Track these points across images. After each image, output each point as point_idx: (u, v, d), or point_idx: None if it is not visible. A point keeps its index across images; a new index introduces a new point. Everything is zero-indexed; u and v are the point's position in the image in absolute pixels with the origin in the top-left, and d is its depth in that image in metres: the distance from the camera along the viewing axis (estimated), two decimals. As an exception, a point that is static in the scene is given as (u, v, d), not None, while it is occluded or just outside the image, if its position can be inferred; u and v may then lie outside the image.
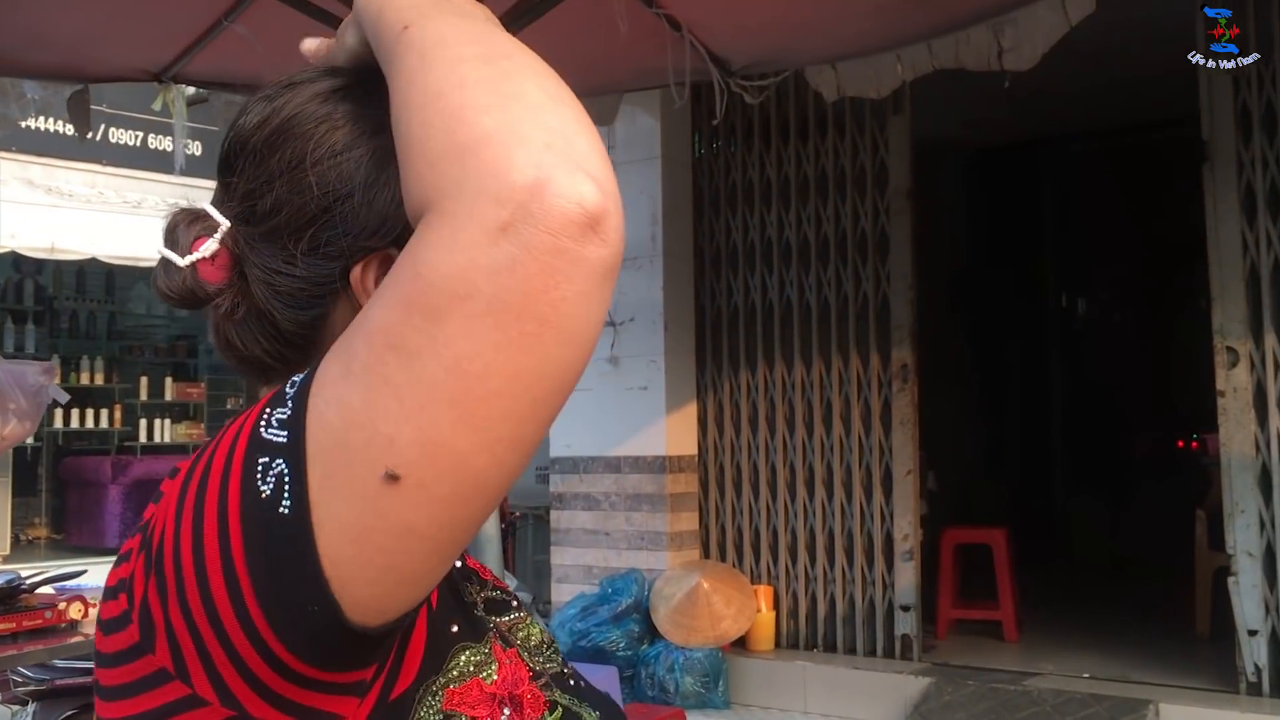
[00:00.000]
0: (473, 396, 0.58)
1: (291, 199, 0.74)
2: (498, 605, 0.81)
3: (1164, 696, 4.52)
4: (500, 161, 0.58)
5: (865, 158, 5.58)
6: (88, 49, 3.16)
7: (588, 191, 0.58)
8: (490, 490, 0.61)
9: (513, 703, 0.72)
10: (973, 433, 8.45)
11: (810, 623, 5.64)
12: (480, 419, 0.58)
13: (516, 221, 0.57)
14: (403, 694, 0.68)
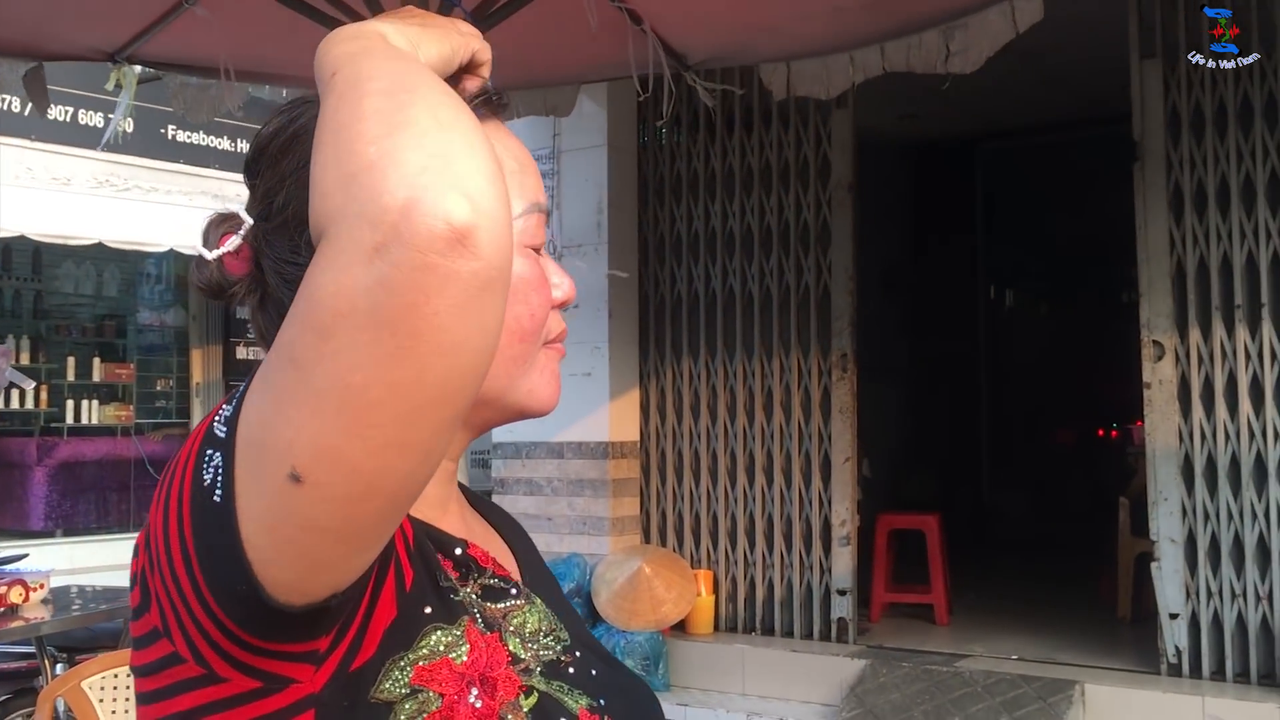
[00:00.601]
0: (356, 406, 0.62)
1: (298, 195, 0.80)
2: (494, 593, 0.84)
3: (1089, 677, 4.69)
4: (376, 186, 0.62)
5: (809, 150, 5.67)
6: (45, 26, 3.11)
7: (455, 208, 0.61)
8: (388, 490, 0.66)
9: (483, 684, 0.76)
10: (903, 421, 8.64)
11: (749, 606, 5.74)
12: (365, 426, 0.63)
13: (388, 242, 0.60)
14: (364, 665, 0.73)
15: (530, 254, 0.87)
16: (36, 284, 10.81)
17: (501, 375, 0.86)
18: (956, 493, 8.74)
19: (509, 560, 0.96)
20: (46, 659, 4.05)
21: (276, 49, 3.20)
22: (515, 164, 0.87)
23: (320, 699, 0.72)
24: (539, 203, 0.88)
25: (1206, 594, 4.61)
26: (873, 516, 6.08)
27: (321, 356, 0.62)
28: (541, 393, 0.90)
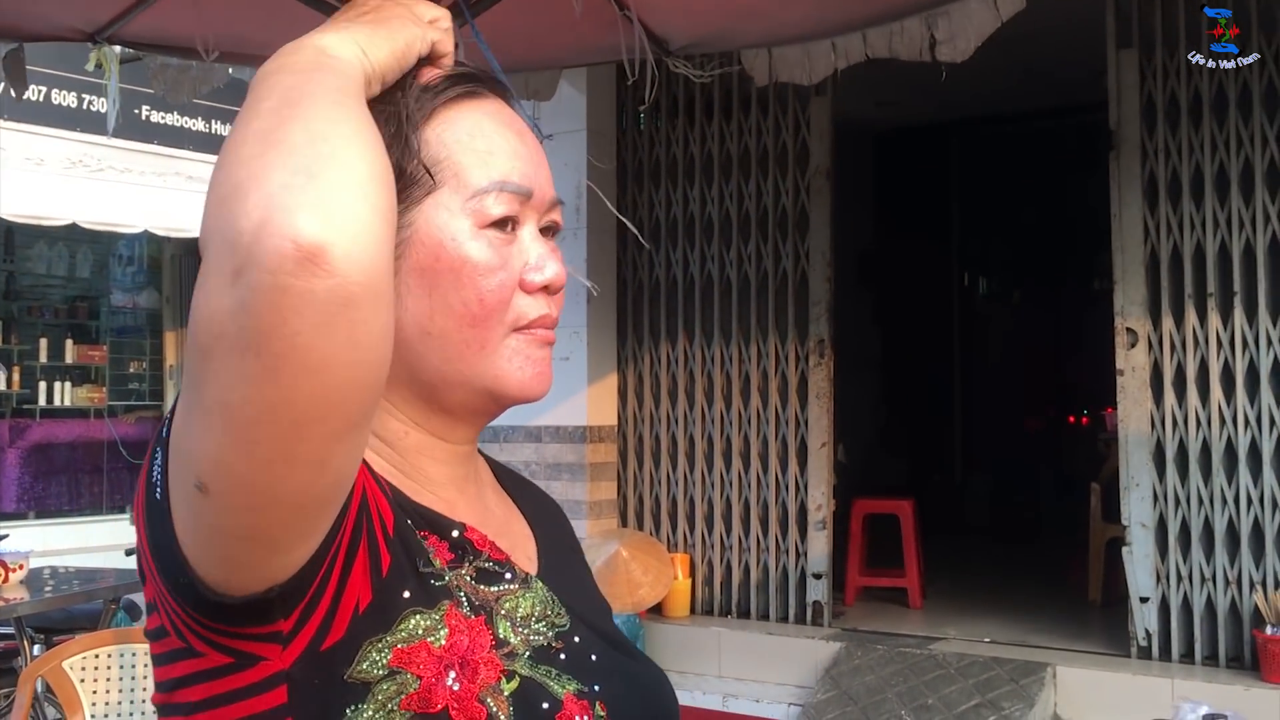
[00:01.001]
0: (237, 424, 0.65)
1: None
2: (489, 576, 0.85)
3: (1061, 660, 4.76)
4: (237, 209, 0.63)
5: (787, 136, 5.70)
6: (26, 6, 3.08)
7: (304, 226, 0.61)
8: (287, 500, 0.68)
9: (462, 667, 0.78)
10: (878, 407, 8.70)
11: (725, 590, 5.78)
12: (248, 443, 0.65)
13: (244, 265, 0.61)
14: (334, 646, 0.75)
15: (487, 236, 0.85)
16: (9, 265, 10.71)
17: (456, 359, 0.86)
18: (930, 478, 8.81)
19: (527, 543, 0.97)
20: (25, 640, 4.04)
21: (258, 30, 3.19)
22: (482, 144, 0.86)
23: (291, 675, 0.74)
24: (505, 182, 0.86)
25: (1176, 578, 4.68)
26: (848, 501, 6.13)
27: (205, 376, 0.65)
28: (510, 380, 0.88)
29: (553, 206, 0.91)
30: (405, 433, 0.89)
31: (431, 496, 0.89)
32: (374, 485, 0.81)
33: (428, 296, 0.85)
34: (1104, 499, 5.88)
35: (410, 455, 0.89)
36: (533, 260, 0.88)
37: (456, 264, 0.85)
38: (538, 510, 1.04)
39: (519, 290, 0.87)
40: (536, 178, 0.89)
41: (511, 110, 0.92)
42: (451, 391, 0.88)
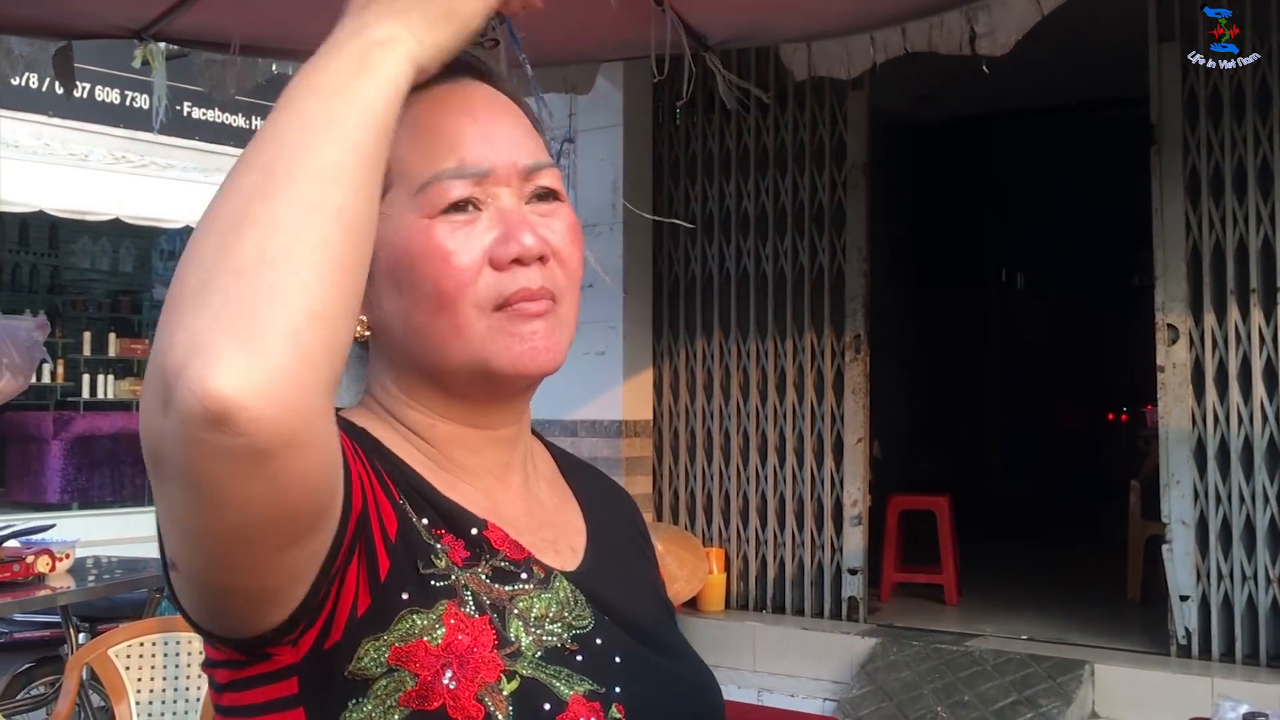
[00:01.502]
0: (181, 531, 0.68)
1: None
2: (504, 575, 0.85)
3: (1099, 658, 4.73)
4: (170, 337, 0.62)
5: (824, 131, 5.68)
6: (74, 4, 3.14)
7: (214, 386, 0.60)
8: (241, 590, 0.72)
9: (460, 665, 0.78)
10: (915, 403, 8.65)
11: (760, 585, 5.78)
12: (193, 550, 0.69)
13: (168, 400, 0.62)
14: (334, 646, 0.77)
15: (442, 223, 0.85)
16: (53, 259, 10.88)
17: (441, 349, 0.86)
18: (967, 474, 8.76)
19: (575, 535, 0.96)
20: (71, 628, 4.10)
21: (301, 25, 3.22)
22: (423, 135, 0.86)
23: (301, 668, 0.78)
24: (445, 169, 0.85)
25: (1217, 576, 4.64)
26: (883, 497, 6.11)
27: (153, 481, 0.67)
28: (497, 361, 0.86)
29: (532, 173, 0.89)
30: (432, 425, 0.90)
31: (466, 488, 0.89)
32: (380, 493, 0.81)
33: (401, 295, 0.86)
34: (1144, 496, 5.82)
35: (442, 446, 0.90)
36: (500, 234, 0.86)
37: (411, 258, 0.85)
38: (602, 502, 1.03)
39: (488, 268, 0.86)
40: (494, 152, 0.87)
41: (473, 87, 0.90)
42: (454, 380, 0.88)
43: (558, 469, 1.03)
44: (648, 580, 1.03)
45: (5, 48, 3.21)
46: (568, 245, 0.90)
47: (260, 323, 0.62)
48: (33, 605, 3.95)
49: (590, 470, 1.09)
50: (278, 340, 0.62)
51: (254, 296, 0.62)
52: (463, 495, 0.89)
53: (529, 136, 0.91)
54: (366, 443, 0.86)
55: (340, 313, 0.66)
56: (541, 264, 0.87)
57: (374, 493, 0.81)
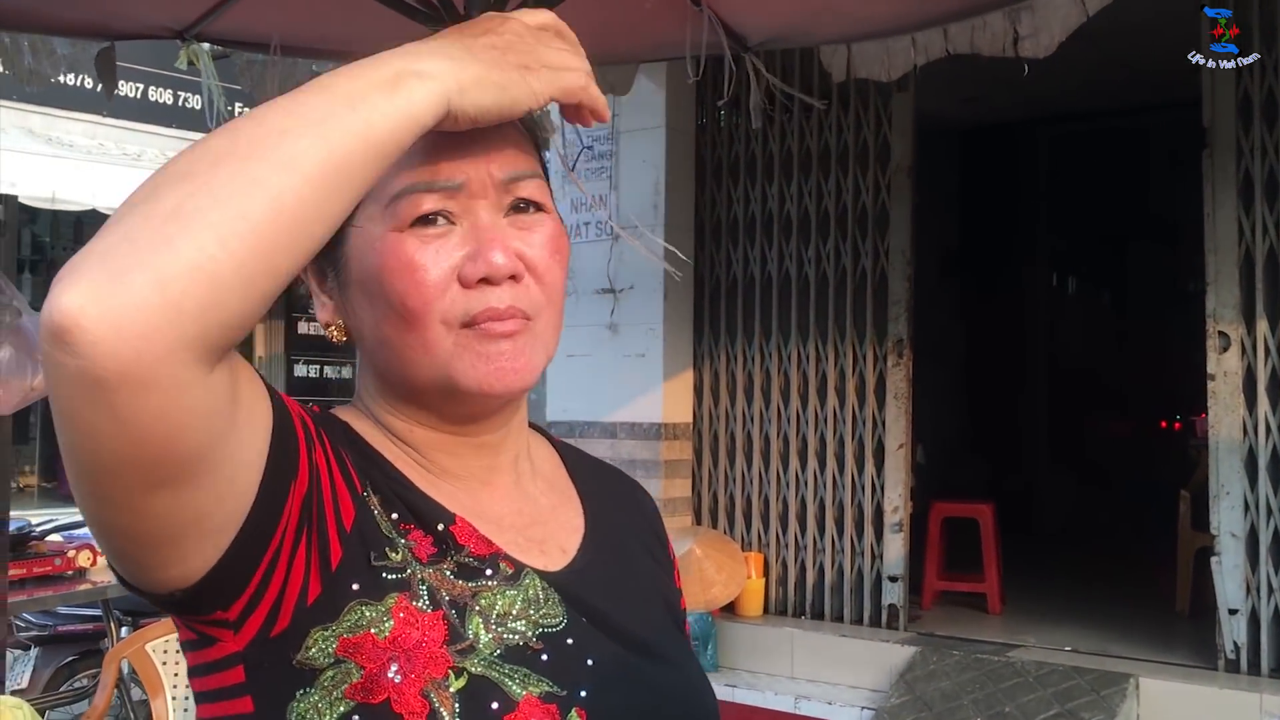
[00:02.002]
0: (72, 472, 0.69)
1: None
2: (468, 571, 0.85)
3: (1144, 671, 4.64)
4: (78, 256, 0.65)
5: (868, 133, 5.63)
6: (114, 6, 3.17)
7: (67, 301, 0.61)
8: (124, 534, 0.72)
9: (408, 659, 0.78)
10: (959, 408, 8.56)
11: (799, 590, 5.74)
12: (70, 477, 0.69)
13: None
14: (282, 634, 0.78)
15: (410, 237, 0.84)
16: (106, 257, 11.02)
17: (410, 364, 0.86)
18: (1013, 481, 8.65)
19: (569, 535, 0.95)
20: (112, 622, 4.16)
21: (341, 26, 3.24)
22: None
23: (245, 657, 0.78)
24: (415, 183, 0.84)
25: (1267, 590, 4.53)
26: (926, 503, 6.04)
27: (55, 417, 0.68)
28: (463, 379, 0.85)
29: (510, 184, 0.87)
30: (410, 430, 0.91)
31: (449, 487, 0.89)
32: (340, 482, 0.82)
33: (372, 306, 0.86)
34: (1194, 507, 5.71)
35: (423, 449, 0.90)
36: (470, 251, 0.85)
37: (380, 271, 0.85)
38: (614, 502, 1.03)
39: (457, 284, 0.84)
40: (469, 164, 0.85)
41: None
42: (424, 393, 0.88)
43: (563, 468, 1.03)
44: (653, 584, 1.01)
45: (48, 48, 3.26)
46: (545, 260, 0.88)
47: (137, 262, 0.63)
48: (75, 599, 4.01)
49: (607, 470, 1.08)
50: (145, 281, 0.62)
51: (147, 241, 0.64)
52: (443, 493, 0.89)
53: (511, 145, 0.88)
54: (336, 431, 0.86)
55: (235, 283, 0.66)
56: (514, 281, 0.86)
57: (331, 480, 0.81)
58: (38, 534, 4.07)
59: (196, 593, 0.75)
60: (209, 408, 0.68)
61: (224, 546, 0.74)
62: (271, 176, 0.67)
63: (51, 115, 8.49)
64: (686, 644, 1.02)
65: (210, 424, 0.69)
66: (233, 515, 0.73)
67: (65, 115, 8.53)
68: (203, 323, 0.65)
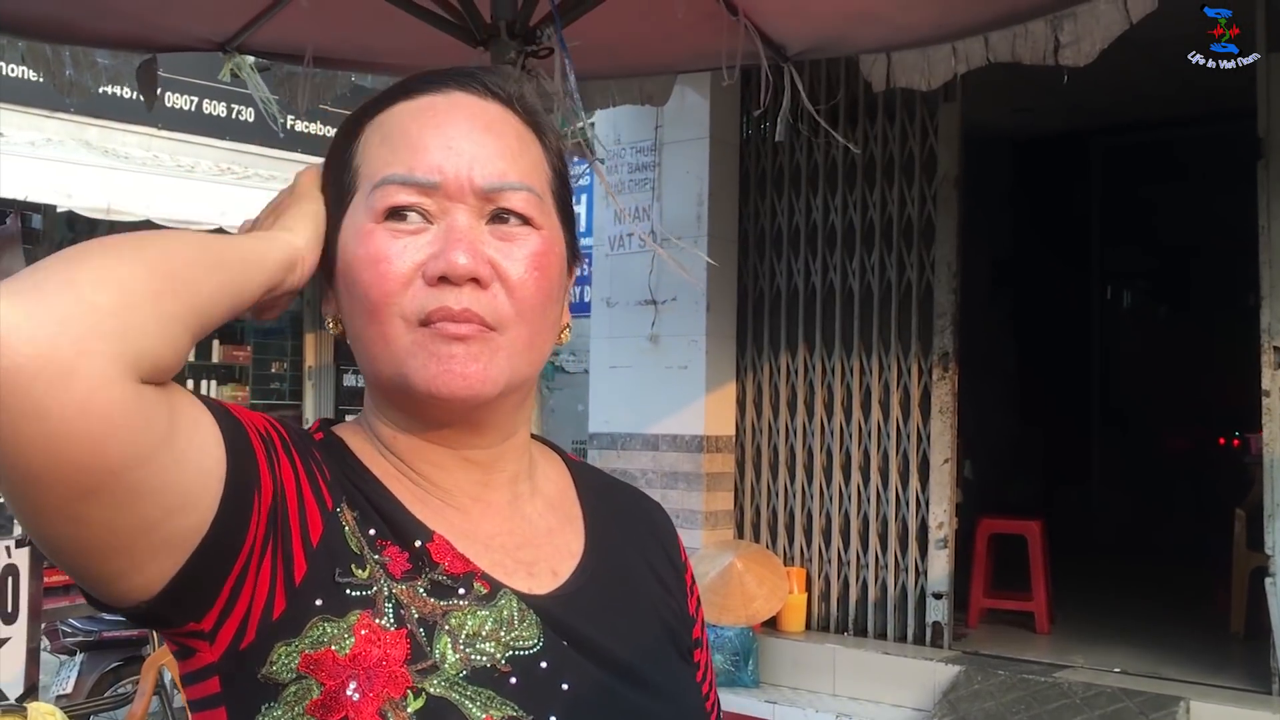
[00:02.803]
0: (4, 486, 0.68)
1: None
2: (441, 589, 0.83)
3: (1195, 694, 4.52)
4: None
5: (914, 144, 5.56)
6: (155, 19, 3.22)
7: None
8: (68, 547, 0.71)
9: (366, 677, 0.77)
10: (1009, 423, 8.43)
11: (842, 606, 5.67)
12: (16, 504, 0.69)
13: None
14: (248, 647, 0.78)
15: (382, 228, 0.85)
16: (160, 267, 11.21)
17: (374, 358, 0.86)
18: (1063, 497, 8.49)
19: (565, 558, 0.92)
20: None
21: (377, 38, 3.26)
22: (388, 143, 0.87)
23: (219, 668, 0.79)
24: (392, 175, 0.85)
25: (1324, 613, 4.40)
26: (973, 519, 5.95)
27: None
28: (414, 378, 0.84)
29: (493, 193, 0.86)
30: (394, 436, 0.90)
31: (437, 503, 0.88)
32: (309, 496, 0.81)
33: (347, 296, 0.88)
34: (1249, 526, 5.57)
35: (409, 459, 0.90)
36: (436, 249, 0.84)
37: (351, 260, 0.86)
38: (624, 525, 1.00)
39: (420, 281, 0.84)
40: (451, 165, 0.85)
41: (461, 98, 0.89)
42: (394, 393, 0.88)
43: (573, 489, 1.00)
44: (653, 611, 0.97)
45: (90, 60, 3.31)
46: (521, 273, 0.86)
47: (48, 274, 0.68)
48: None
49: (623, 492, 1.05)
50: (57, 281, 0.67)
51: (57, 264, 0.69)
52: (430, 509, 0.88)
53: (504, 156, 0.87)
54: (318, 446, 0.86)
55: (143, 292, 0.70)
56: (478, 286, 0.84)
57: (299, 494, 0.81)
58: (81, 540, 4.12)
59: (162, 604, 0.74)
60: (136, 418, 0.68)
61: (183, 559, 0.73)
62: (162, 251, 0.74)
63: (108, 127, 8.66)
64: (688, 674, 0.98)
65: (139, 437, 0.68)
66: (190, 528, 0.73)
67: (121, 127, 8.69)
68: (119, 321, 0.67)
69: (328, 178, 0.91)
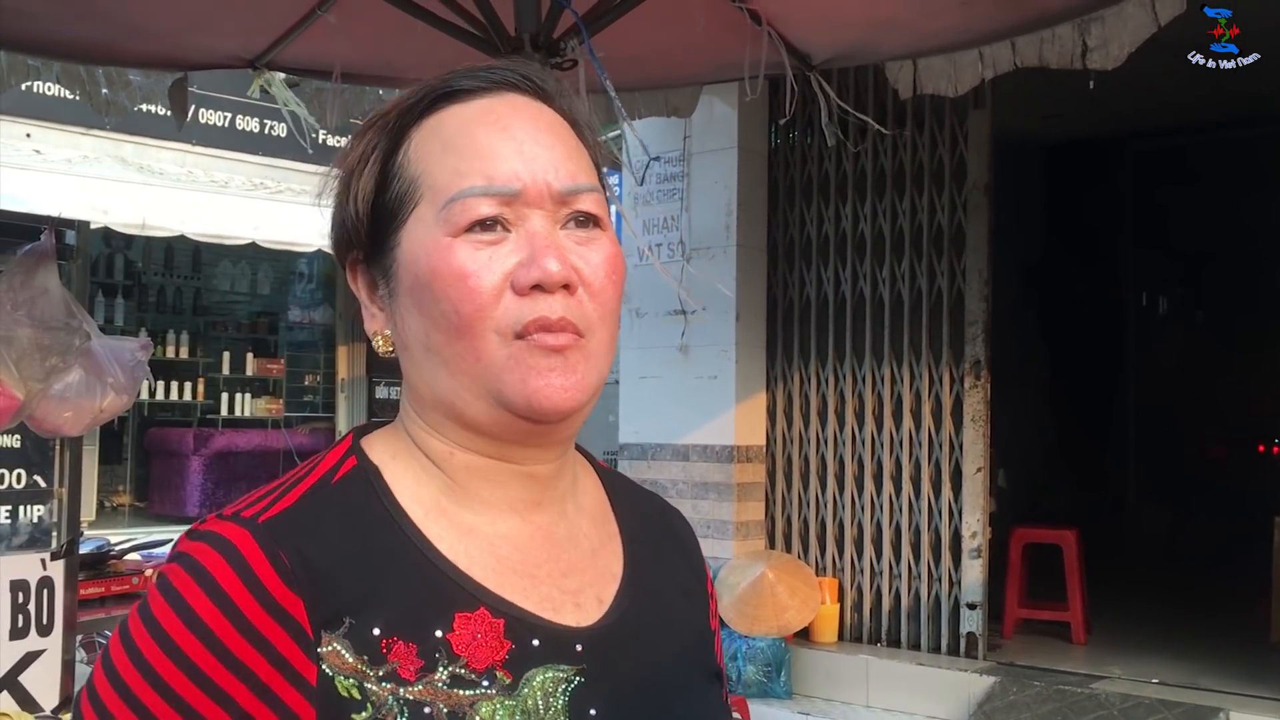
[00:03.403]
0: None
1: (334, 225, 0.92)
2: (463, 682, 0.79)
3: (1235, 705, 4.46)
4: None
5: (944, 152, 5.53)
6: (186, 38, 3.26)
7: None
8: None
9: None
10: (1044, 431, 8.35)
11: (875, 617, 5.63)
12: None
13: None
14: None
15: (465, 242, 0.82)
16: (196, 282, 11.35)
17: (459, 374, 0.82)
18: (1100, 506, 8.40)
19: (607, 582, 0.90)
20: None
21: (402, 53, 3.28)
22: (454, 151, 0.84)
23: None
24: (473, 186, 0.82)
25: (1366, 622, 4.33)
26: (1007, 528, 5.89)
27: None
28: (512, 393, 0.81)
29: (569, 196, 0.84)
30: (450, 454, 0.86)
31: (488, 533, 0.85)
32: (296, 652, 0.77)
33: (420, 313, 0.83)
34: (1289, 534, 5.48)
35: (460, 476, 0.86)
36: (524, 257, 0.82)
37: (431, 276, 0.82)
38: (653, 537, 0.98)
39: (510, 292, 0.81)
40: (526, 172, 0.83)
41: (516, 101, 0.87)
42: (471, 409, 0.84)
43: (607, 499, 0.97)
44: (687, 628, 0.96)
45: (124, 79, 3.36)
46: (602, 277, 0.85)
47: None
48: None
49: (647, 500, 1.03)
50: None
51: None
52: (474, 544, 0.84)
53: (571, 157, 0.86)
54: (290, 545, 0.79)
55: None
56: (567, 293, 0.82)
57: (274, 681, 0.77)
58: (116, 553, 4.15)
59: None
60: None
61: None
62: None
63: (143, 144, 8.77)
64: (716, 694, 0.96)
65: None
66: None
67: (156, 144, 8.80)
68: None
69: (364, 189, 0.86)
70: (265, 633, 0.76)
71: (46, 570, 3.16)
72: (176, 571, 0.77)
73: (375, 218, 0.86)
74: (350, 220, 0.87)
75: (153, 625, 0.76)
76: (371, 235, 0.86)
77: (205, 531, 0.80)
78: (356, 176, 0.87)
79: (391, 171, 0.85)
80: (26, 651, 3.02)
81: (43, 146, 8.44)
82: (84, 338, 2.58)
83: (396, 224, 0.85)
